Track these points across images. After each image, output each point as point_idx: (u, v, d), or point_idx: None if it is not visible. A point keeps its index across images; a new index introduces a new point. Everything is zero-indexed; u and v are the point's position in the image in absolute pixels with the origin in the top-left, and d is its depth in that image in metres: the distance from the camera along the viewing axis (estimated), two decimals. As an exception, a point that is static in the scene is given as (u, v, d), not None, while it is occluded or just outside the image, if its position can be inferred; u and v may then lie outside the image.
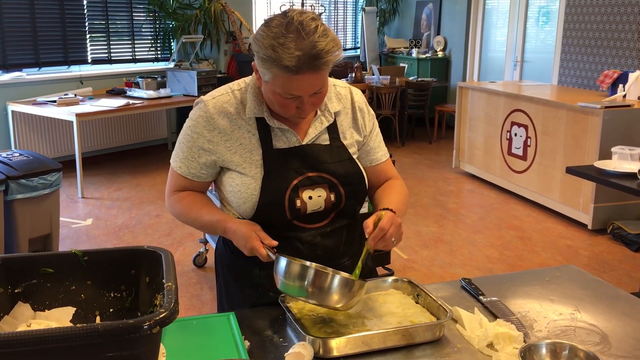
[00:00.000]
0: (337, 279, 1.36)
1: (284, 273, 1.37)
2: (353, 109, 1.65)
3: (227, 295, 1.70)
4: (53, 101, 5.80)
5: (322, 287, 1.35)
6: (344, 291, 1.36)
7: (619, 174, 3.26)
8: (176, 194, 1.61)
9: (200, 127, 1.54)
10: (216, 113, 1.53)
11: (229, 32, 7.65)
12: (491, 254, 4.30)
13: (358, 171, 1.60)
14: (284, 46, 1.34)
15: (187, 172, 1.58)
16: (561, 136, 4.95)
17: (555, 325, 1.47)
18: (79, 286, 1.13)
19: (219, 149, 1.53)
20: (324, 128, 1.58)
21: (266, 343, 1.38)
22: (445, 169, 6.64)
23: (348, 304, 1.38)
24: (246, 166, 1.53)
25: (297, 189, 1.52)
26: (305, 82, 1.39)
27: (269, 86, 1.44)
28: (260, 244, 1.44)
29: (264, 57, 1.37)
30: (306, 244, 1.55)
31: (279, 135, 1.55)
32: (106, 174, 6.31)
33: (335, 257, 1.59)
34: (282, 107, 1.46)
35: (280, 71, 1.36)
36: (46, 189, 3.92)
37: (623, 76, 5.06)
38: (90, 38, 6.70)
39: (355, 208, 1.62)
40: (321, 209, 1.54)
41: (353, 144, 1.63)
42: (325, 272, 1.37)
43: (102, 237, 4.54)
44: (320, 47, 1.35)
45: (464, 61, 8.54)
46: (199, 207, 1.57)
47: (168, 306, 0.91)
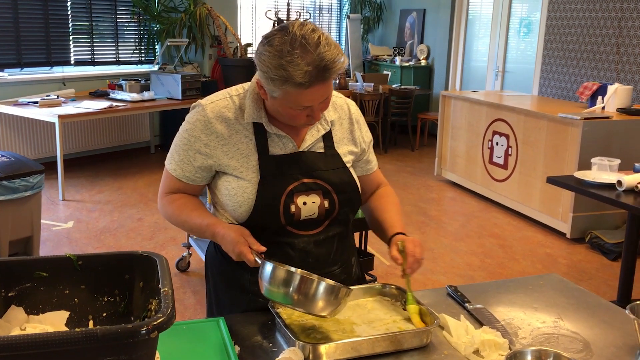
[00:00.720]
0: (323, 286, 1.36)
1: (269, 279, 1.37)
2: (350, 120, 1.68)
3: (216, 300, 1.70)
4: (35, 102, 5.75)
5: (307, 293, 1.35)
6: (329, 298, 1.37)
7: (598, 185, 3.33)
8: (169, 196, 1.62)
9: (197, 131, 1.55)
10: (214, 117, 1.55)
11: (214, 36, 7.65)
12: (472, 262, 4.35)
13: (352, 180, 1.62)
14: (293, 63, 1.35)
15: (181, 175, 1.59)
16: (541, 146, 5.03)
17: (539, 332, 1.51)
18: (73, 290, 1.13)
19: (216, 153, 1.55)
20: (320, 136, 1.61)
21: (256, 349, 1.39)
22: (427, 177, 6.70)
23: (334, 311, 1.39)
24: (243, 170, 1.54)
25: (292, 194, 1.54)
26: (316, 93, 1.42)
27: (279, 101, 1.45)
28: (248, 249, 1.45)
29: (274, 77, 1.38)
30: (298, 250, 1.57)
31: (276, 141, 1.57)
32: (88, 176, 6.26)
33: (325, 265, 1.61)
34: (293, 118, 1.48)
35: (292, 88, 1.39)
36: (28, 191, 3.88)
37: (602, 88, 5.16)
38: (74, 39, 6.65)
39: (349, 216, 1.65)
40: (315, 215, 1.56)
41: (347, 153, 1.65)
42: (310, 278, 1.37)
43: (83, 240, 4.51)
44: (328, 58, 1.37)
45: (447, 70, 8.63)
46: (190, 210, 1.58)
47: (165, 311, 0.92)
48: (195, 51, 7.59)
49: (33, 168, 3.94)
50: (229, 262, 1.60)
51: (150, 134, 7.36)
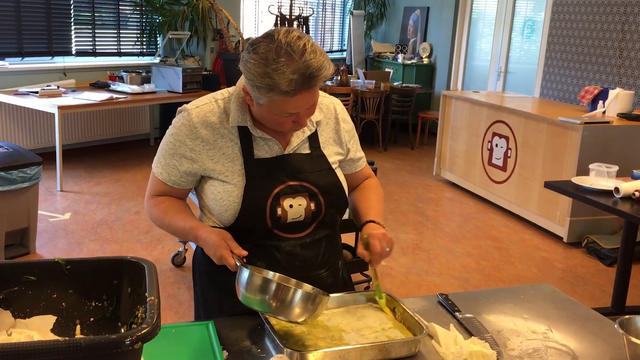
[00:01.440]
0: (300, 294, 1.35)
1: (246, 285, 1.36)
2: (336, 120, 1.69)
3: (204, 302, 1.71)
4: (35, 92, 5.74)
5: (283, 301, 1.34)
6: (306, 305, 1.36)
7: (595, 191, 3.32)
8: (154, 198, 1.63)
9: (182, 136, 1.55)
10: (199, 122, 1.55)
11: (216, 30, 7.63)
12: (468, 264, 4.35)
13: (337, 182, 1.63)
14: (279, 72, 1.35)
15: (167, 178, 1.60)
16: (541, 149, 5.02)
17: (528, 344, 1.51)
18: (61, 294, 1.13)
19: (201, 157, 1.55)
20: (305, 137, 1.61)
21: (244, 354, 1.39)
22: (426, 176, 6.70)
23: (310, 317, 1.38)
24: (228, 174, 1.54)
25: (278, 197, 1.54)
26: (302, 100, 1.42)
27: (265, 109, 1.45)
28: (229, 253, 1.45)
29: (260, 85, 1.38)
30: (285, 254, 1.57)
31: (262, 145, 1.57)
32: (86, 167, 6.26)
33: (312, 268, 1.61)
34: (279, 124, 1.48)
35: (278, 96, 1.39)
36: (25, 183, 3.88)
37: (603, 92, 5.15)
38: (76, 29, 6.63)
39: (336, 218, 1.65)
40: (301, 218, 1.56)
41: (333, 154, 1.66)
42: (287, 286, 1.36)
43: (79, 232, 4.51)
44: (314, 66, 1.37)
45: (449, 69, 8.62)
46: (174, 213, 1.59)
47: (150, 321, 0.92)
48: (197, 44, 7.58)
49: (31, 159, 3.94)
50: (214, 264, 1.60)
51: (150, 126, 7.36)
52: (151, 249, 4.26)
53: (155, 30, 7.35)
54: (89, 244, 4.32)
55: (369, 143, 8.04)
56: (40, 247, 4.18)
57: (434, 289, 3.87)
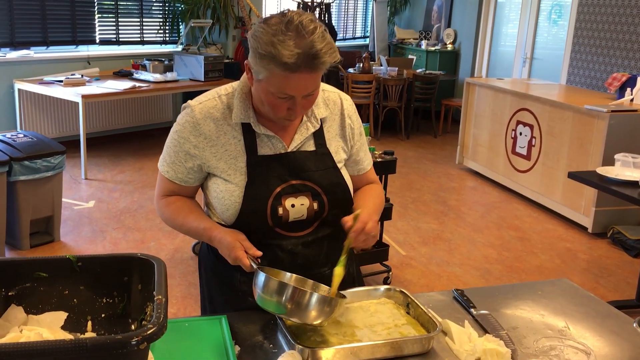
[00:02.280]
0: (315, 298, 1.35)
1: (262, 288, 1.36)
2: (342, 116, 1.65)
3: (209, 298, 1.70)
4: (60, 81, 5.81)
5: (299, 304, 1.34)
6: (322, 308, 1.36)
7: (620, 182, 3.26)
8: (165, 199, 1.63)
9: (186, 132, 1.55)
10: (202, 118, 1.54)
11: (238, 18, 7.62)
12: (489, 254, 4.31)
13: (342, 181, 1.60)
14: (284, 43, 1.34)
15: (174, 176, 1.59)
16: (566, 138, 4.94)
17: (544, 342, 1.48)
18: (72, 291, 1.14)
19: (205, 154, 1.54)
20: (310, 134, 1.59)
21: (256, 349, 1.39)
22: (448, 165, 6.64)
23: (326, 320, 1.38)
24: (231, 173, 1.53)
25: (279, 196, 1.52)
26: (301, 81, 1.39)
27: (263, 85, 1.43)
28: (244, 254, 1.44)
29: (263, 53, 1.36)
30: (286, 252, 1.55)
31: (265, 142, 1.55)
32: (110, 156, 6.33)
33: (315, 267, 1.59)
34: (273, 107, 1.45)
35: (278, 68, 1.36)
36: (49, 172, 3.94)
37: (631, 80, 5.03)
38: (99, 18, 6.68)
39: (339, 217, 1.61)
40: (304, 217, 1.55)
41: (338, 151, 1.63)
42: (303, 290, 1.36)
43: (103, 220, 4.57)
44: (319, 47, 1.36)
45: (474, 55, 8.50)
46: (186, 213, 1.58)
47: (157, 321, 0.92)
48: (219, 32, 7.58)
49: (54, 149, 3.99)
50: (221, 261, 1.59)
51: (173, 115, 7.40)
52: (173, 237, 4.30)
53: (178, 19, 7.36)
54: (112, 232, 4.37)
55: (391, 131, 7.98)
56: (64, 235, 4.24)
57: (454, 280, 3.85)
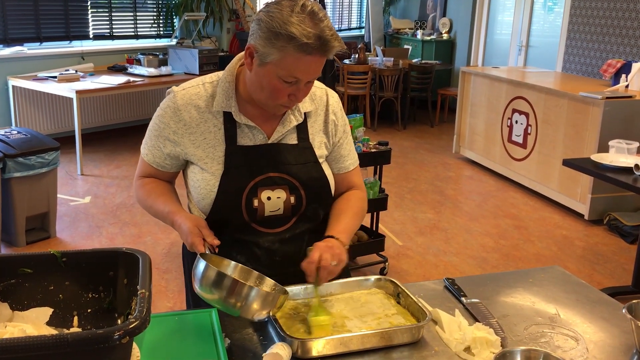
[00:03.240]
0: (255, 292, 1.28)
1: (200, 278, 1.28)
2: (326, 112, 1.63)
3: (192, 293, 1.69)
4: (54, 77, 5.79)
5: (238, 298, 1.27)
6: (264, 304, 1.30)
7: (615, 168, 3.26)
8: (141, 179, 1.63)
9: (167, 118, 1.54)
10: (183, 105, 1.53)
11: (232, 10, 7.59)
12: (486, 243, 4.31)
13: (322, 176, 1.58)
14: (303, 23, 1.35)
15: (152, 160, 1.59)
16: (562, 125, 4.93)
17: (534, 329, 1.48)
18: (57, 286, 1.14)
19: (183, 141, 1.53)
20: (292, 127, 1.57)
21: (246, 341, 1.39)
22: (445, 154, 6.63)
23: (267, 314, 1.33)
24: (208, 161, 1.53)
25: (255, 188, 1.51)
26: (312, 64, 1.39)
27: (270, 68, 1.40)
28: (201, 241, 1.41)
29: (279, 32, 1.35)
30: (264, 249, 1.54)
31: (245, 132, 1.54)
32: (106, 151, 6.32)
33: (295, 264, 1.52)
34: (275, 93, 1.43)
35: (294, 49, 1.35)
36: (44, 168, 3.93)
37: (626, 66, 5.02)
38: (92, 13, 6.65)
39: (318, 212, 1.60)
40: (280, 211, 1.53)
41: (321, 146, 1.61)
42: (241, 283, 1.27)
43: (100, 215, 4.57)
44: (330, 33, 1.38)
45: (469, 44, 8.47)
46: (157, 195, 1.58)
47: (139, 315, 0.92)
48: (213, 25, 7.55)
49: (49, 145, 3.99)
50: None
51: (169, 108, 7.37)
52: (169, 231, 4.29)
53: (172, 12, 7.33)
54: (108, 227, 4.37)
55: (388, 121, 7.97)
56: (60, 231, 4.24)
57: (451, 269, 3.85)
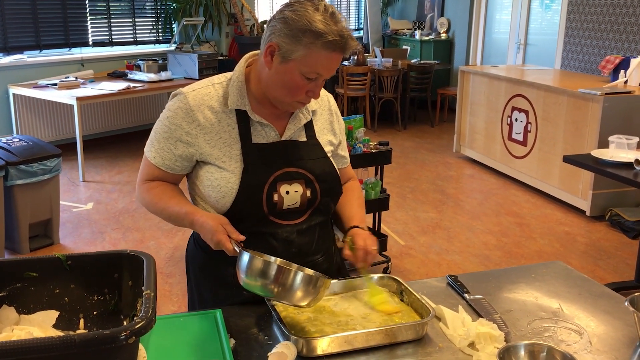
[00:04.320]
0: (300, 276, 1.35)
1: (246, 269, 1.35)
2: (330, 111, 1.71)
3: (199, 296, 1.69)
4: (54, 84, 5.81)
5: (285, 284, 1.33)
6: (307, 288, 1.36)
7: (615, 164, 3.27)
8: (147, 183, 1.61)
9: (179, 119, 1.54)
10: (196, 106, 1.54)
11: (230, 14, 7.61)
12: (488, 241, 4.31)
13: (333, 170, 1.63)
14: (329, 21, 1.41)
15: (161, 163, 1.58)
16: (561, 122, 4.94)
17: (537, 324, 1.49)
18: (63, 289, 1.15)
19: (198, 141, 1.54)
20: (301, 125, 1.62)
21: (251, 341, 1.40)
22: (446, 153, 6.64)
23: (312, 301, 1.38)
24: (225, 160, 1.54)
25: (275, 183, 1.54)
26: (333, 62, 1.45)
27: (293, 65, 1.44)
28: (227, 238, 1.43)
29: (308, 29, 1.39)
30: (281, 240, 1.56)
31: (259, 130, 1.56)
32: (107, 157, 6.33)
33: (308, 254, 1.61)
34: (295, 89, 1.47)
35: (321, 46, 1.40)
36: (46, 175, 3.95)
37: (625, 62, 5.02)
38: (91, 20, 6.67)
39: (330, 206, 1.65)
40: (297, 204, 1.56)
41: (327, 143, 1.67)
42: (288, 268, 1.35)
43: (102, 221, 4.58)
44: (348, 33, 1.44)
45: (468, 43, 8.48)
46: (169, 197, 1.57)
47: (145, 315, 0.93)
48: (212, 30, 7.57)
49: (50, 152, 4.00)
50: (210, 256, 1.60)
51: (169, 113, 7.39)
52: (172, 235, 4.31)
53: (170, 17, 7.36)
54: (111, 232, 4.38)
55: (388, 122, 7.98)
56: (64, 238, 4.25)
57: (454, 268, 3.86)
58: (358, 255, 1.54)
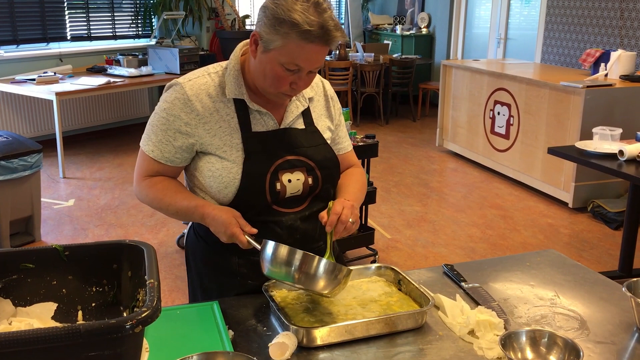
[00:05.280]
0: (324, 264, 1.37)
1: (271, 258, 1.38)
2: (325, 97, 1.69)
3: (202, 288, 1.66)
4: (32, 79, 5.71)
5: (308, 272, 1.36)
6: (330, 277, 1.37)
7: (599, 155, 3.30)
8: (148, 179, 1.57)
9: (177, 110, 1.51)
10: (194, 95, 1.51)
11: (211, 9, 7.55)
12: (474, 233, 4.34)
13: (333, 156, 1.62)
14: (307, 12, 1.38)
15: (160, 156, 1.54)
16: (543, 115, 4.98)
17: (535, 311, 1.50)
18: (60, 281, 1.12)
19: (198, 131, 1.51)
20: (299, 113, 1.61)
21: (250, 333, 1.38)
22: (428, 148, 6.66)
23: (334, 290, 1.39)
24: (227, 149, 1.52)
25: (277, 172, 1.52)
26: (313, 53, 1.41)
27: (273, 55, 1.42)
28: (241, 231, 1.43)
29: (283, 18, 1.37)
30: (286, 228, 1.55)
31: (257, 119, 1.55)
32: (88, 153, 6.25)
33: (312, 241, 1.60)
34: (277, 81, 1.45)
35: (297, 36, 1.38)
36: (26, 171, 3.87)
37: (605, 55, 5.08)
38: (70, 14, 6.57)
39: (330, 192, 1.64)
40: (299, 192, 1.55)
41: (326, 130, 1.66)
42: (312, 255, 1.37)
43: (84, 218, 4.51)
44: (333, 24, 1.41)
45: (448, 38, 8.52)
46: (174, 192, 1.54)
47: (150, 304, 0.91)
48: (193, 24, 7.50)
49: (31, 147, 3.93)
50: (212, 247, 1.57)
51: (149, 109, 7.32)
52: (156, 231, 4.26)
53: (150, 12, 7.27)
54: (94, 229, 4.32)
55: (370, 117, 7.99)
56: (45, 235, 4.18)
57: (440, 260, 3.87)
58: (330, 219, 1.47)
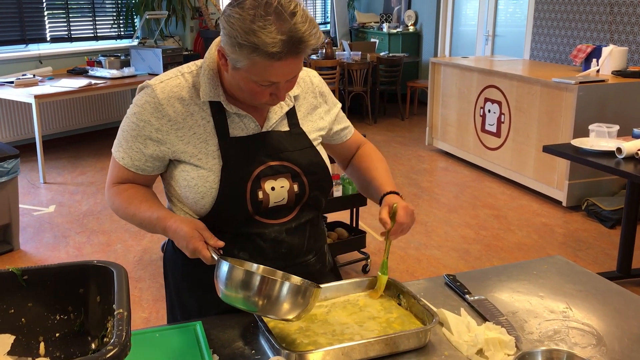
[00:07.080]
0: (287, 287, 1.20)
1: (225, 281, 1.21)
2: (314, 94, 1.54)
3: (180, 306, 1.53)
4: (10, 82, 5.53)
5: (270, 296, 1.19)
6: (295, 300, 1.21)
7: (596, 152, 3.20)
8: (116, 187, 1.45)
9: (147, 115, 1.38)
10: (165, 99, 1.38)
11: (195, 8, 7.40)
12: (467, 234, 4.23)
13: (320, 160, 1.48)
14: (266, 30, 1.20)
15: (130, 164, 1.41)
16: (535, 112, 4.89)
17: (547, 326, 1.38)
18: (19, 309, 0.98)
19: (170, 138, 1.38)
20: (283, 113, 1.46)
21: (237, 356, 1.26)
22: (418, 147, 6.56)
23: (302, 312, 1.24)
24: (202, 157, 1.38)
25: (258, 179, 1.39)
26: (286, 68, 1.26)
27: (242, 74, 1.28)
28: (204, 245, 1.29)
29: (243, 43, 1.21)
30: (269, 241, 1.42)
31: (237, 122, 1.41)
32: (69, 157, 6.07)
33: (300, 255, 1.47)
34: (255, 95, 1.32)
35: (262, 58, 1.22)
36: (3, 177, 3.72)
37: (596, 50, 5.00)
38: (49, 15, 6.39)
39: (320, 200, 1.49)
40: (284, 201, 1.42)
41: (313, 130, 1.51)
42: (272, 279, 1.20)
43: (65, 224, 4.36)
44: (303, 31, 1.23)
45: (436, 36, 8.42)
46: (139, 201, 1.41)
47: (118, 341, 0.78)
48: (176, 24, 7.34)
49: (7, 152, 3.77)
50: (192, 261, 1.44)
51: (133, 111, 7.15)
52: (140, 238, 4.11)
53: (132, 12, 7.10)
54: (75, 236, 4.16)
55: (358, 116, 7.88)
56: (24, 243, 4.02)
57: (434, 263, 3.76)
58: (394, 229, 1.42)
